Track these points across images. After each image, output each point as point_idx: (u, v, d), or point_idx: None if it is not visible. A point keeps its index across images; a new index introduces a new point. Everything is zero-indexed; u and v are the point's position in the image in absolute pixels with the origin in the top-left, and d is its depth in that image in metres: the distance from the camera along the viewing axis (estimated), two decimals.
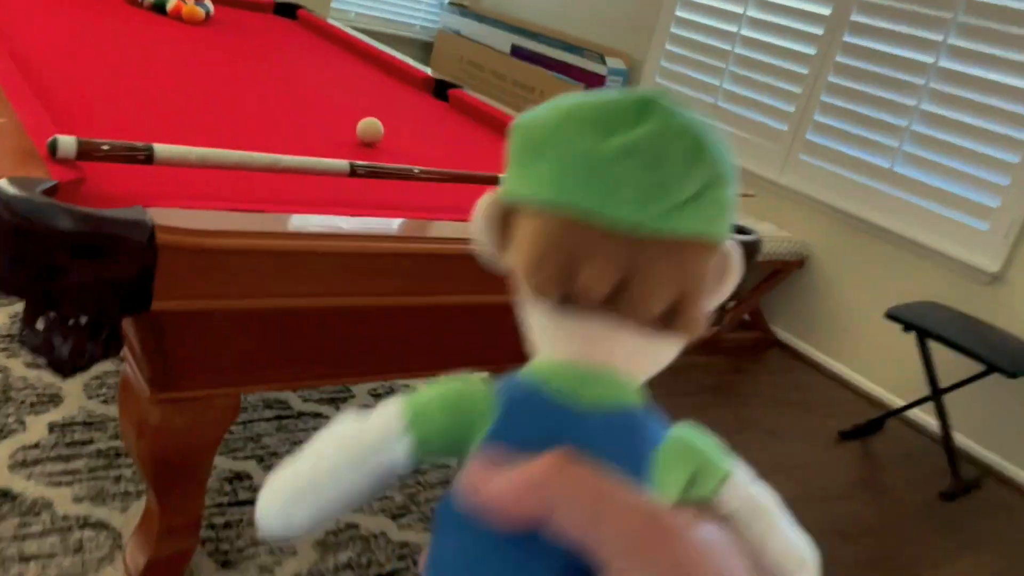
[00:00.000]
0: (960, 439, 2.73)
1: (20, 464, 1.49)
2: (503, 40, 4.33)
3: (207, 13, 2.32)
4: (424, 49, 4.78)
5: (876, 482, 2.46)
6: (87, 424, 1.64)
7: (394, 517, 1.62)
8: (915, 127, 2.91)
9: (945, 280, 2.83)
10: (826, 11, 3.17)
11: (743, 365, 3.04)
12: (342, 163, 1.14)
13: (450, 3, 4.63)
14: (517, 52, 4.27)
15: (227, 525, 1.48)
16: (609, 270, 0.39)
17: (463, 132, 1.84)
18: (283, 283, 0.89)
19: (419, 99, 2.07)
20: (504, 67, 4.22)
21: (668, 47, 3.73)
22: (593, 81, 3.86)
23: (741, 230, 1.33)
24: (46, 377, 1.75)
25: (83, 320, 0.78)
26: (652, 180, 0.38)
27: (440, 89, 2.16)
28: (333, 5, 4.34)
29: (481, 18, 4.42)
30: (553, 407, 0.40)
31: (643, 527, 0.33)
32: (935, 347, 2.54)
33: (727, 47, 3.49)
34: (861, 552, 2.06)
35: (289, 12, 2.86)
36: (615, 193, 0.38)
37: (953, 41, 2.81)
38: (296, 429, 1.81)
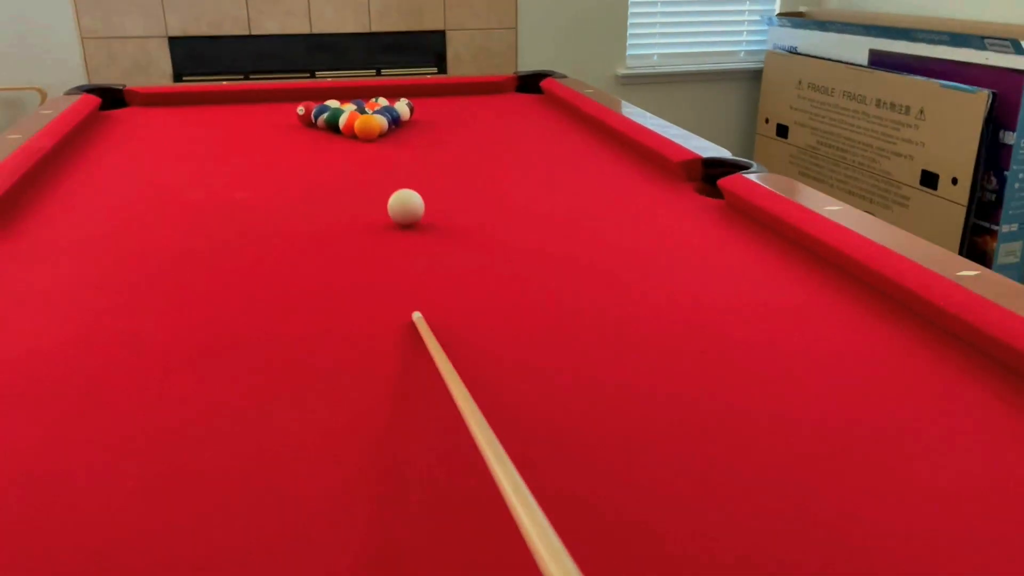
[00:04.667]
0: None
1: None
2: (857, 47, 3.19)
3: (393, 120, 1.69)
4: (752, 79, 3.79)
5: None
6: None
7: None
8: None
9: None
10: None
11: None
12: None
13: (780, 15, 3.59)
14: (878, 61, 3.10)
15: None
16: None
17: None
18: None
19: (676, 207, 1.18)
20: (861, 83, 3.08)
21: None
22: (1005, 81, 2.57)
23: None
24: None
25: None
26: None
27: (711, 174, 1.26)
28: (629, 52, 3.59)
29: (824, 25, 3.33)
30: None
31: None
32: None
33: None
34: None
35: (533, 86, 2.15)
36: None
37: None
38: None
